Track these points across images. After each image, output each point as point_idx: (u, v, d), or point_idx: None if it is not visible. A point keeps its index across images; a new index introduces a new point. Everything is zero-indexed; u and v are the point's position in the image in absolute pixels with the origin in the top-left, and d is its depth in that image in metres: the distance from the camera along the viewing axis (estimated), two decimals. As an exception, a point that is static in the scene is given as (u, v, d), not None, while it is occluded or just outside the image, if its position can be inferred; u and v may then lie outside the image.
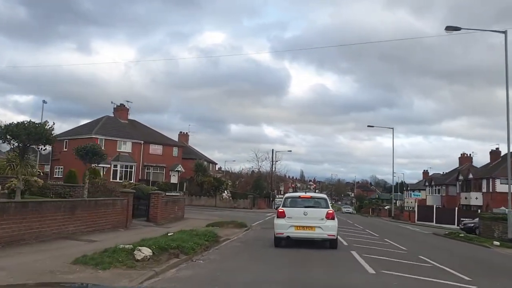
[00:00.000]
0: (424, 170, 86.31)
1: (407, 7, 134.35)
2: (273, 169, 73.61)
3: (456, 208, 45.53)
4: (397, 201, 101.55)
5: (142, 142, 50.23)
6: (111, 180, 47.29)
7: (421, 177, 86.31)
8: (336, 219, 13.25)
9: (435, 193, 66.54)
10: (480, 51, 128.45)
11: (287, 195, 15.77)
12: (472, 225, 33.40)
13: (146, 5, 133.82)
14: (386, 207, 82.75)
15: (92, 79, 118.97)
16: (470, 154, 68.28)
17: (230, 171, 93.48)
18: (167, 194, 47.17)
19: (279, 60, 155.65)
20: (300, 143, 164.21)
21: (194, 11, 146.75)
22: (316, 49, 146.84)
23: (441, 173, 78.78)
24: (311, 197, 14.21)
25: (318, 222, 12.76)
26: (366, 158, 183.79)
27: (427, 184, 70.83)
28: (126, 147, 49.27)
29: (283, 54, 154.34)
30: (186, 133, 67.66)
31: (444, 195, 63.48)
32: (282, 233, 12.85)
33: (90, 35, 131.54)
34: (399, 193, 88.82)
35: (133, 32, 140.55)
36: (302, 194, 14.92)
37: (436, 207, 48.18)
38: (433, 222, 45.29)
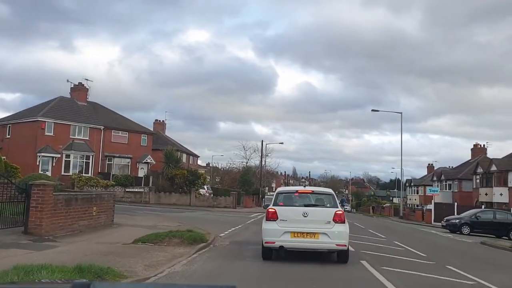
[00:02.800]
0: (429, 164, 78.26)
1: (385, 6, 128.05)
2: (263, 162, 65.04)
3: (483, 206, 37.58)
4: (394, 198, 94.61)
5: (103, 127, 41.41)
6: (62, 173, 38.82)
7: (414, 174, 78.82)
8: (347, 222, 10.28)
9: (445, 189, 58.49)
10: (462, 49, 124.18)
11: (279, 189, 12.17)
12: (457, 221, 26.99)
13: (127, 3, 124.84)
14: (386, 205, 75.09)
15: (79, 76, 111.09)
16: (484, 145, 60.65)
17: (218, 167, 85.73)
18: (127, 190, 39.03)
19: (263, 58, 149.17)
20: (290, 140, 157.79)
21: (175, 10, 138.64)
22: (300, 48, 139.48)
23: (448, 167, 71.14)
24: (313, 192, 11.10)
25: (323, 226, 9.80)
26: (355, 155, 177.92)
27: (435, 179, 62.59)
28: (82, 133, 40.49)
29: (268, 53, 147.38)
30: (163, 121, 59.11)
31: (456, 191, 55.48)
32: (273, 242, 9.79)
33: (73, 33, 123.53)
34: (396, 190, 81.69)
35: (116, 31, 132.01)
36: (300, 188, 11.48)
37: (457, 204, 40.18)
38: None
